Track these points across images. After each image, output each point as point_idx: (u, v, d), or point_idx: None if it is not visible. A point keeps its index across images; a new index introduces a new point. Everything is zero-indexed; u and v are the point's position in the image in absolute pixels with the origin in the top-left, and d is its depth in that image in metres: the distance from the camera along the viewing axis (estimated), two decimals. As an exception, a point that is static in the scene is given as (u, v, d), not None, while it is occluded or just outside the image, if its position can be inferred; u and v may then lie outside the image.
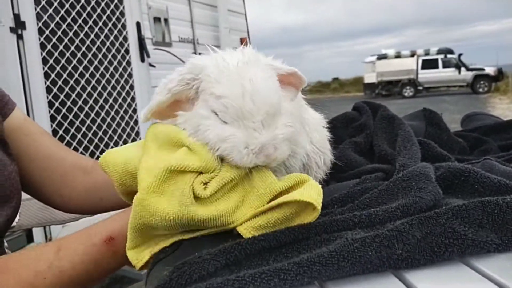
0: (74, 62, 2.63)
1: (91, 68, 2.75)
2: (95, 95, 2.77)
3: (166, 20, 3.43)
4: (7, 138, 0.72)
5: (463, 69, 17.69)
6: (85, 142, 2.70)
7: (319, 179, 0.72)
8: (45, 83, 2.44)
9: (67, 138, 2.57)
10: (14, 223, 1.13)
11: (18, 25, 2.29)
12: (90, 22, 2.73)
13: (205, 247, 0.50)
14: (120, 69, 2.96)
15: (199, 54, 0.61)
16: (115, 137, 2.90)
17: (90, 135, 2.73)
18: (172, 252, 0.56)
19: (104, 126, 2.83)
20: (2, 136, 0.70)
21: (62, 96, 2.54)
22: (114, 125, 2.90)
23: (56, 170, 0.79)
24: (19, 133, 0.75)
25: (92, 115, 2.74)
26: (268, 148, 0.51)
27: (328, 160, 0.73)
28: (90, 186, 0.80)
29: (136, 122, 3.07)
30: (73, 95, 2.61)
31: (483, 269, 0.45)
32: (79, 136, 2.65)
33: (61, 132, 2.54)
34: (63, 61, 2.55)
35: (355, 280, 0.45)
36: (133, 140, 3.04)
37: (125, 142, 2.96)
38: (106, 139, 2.83)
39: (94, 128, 2.75)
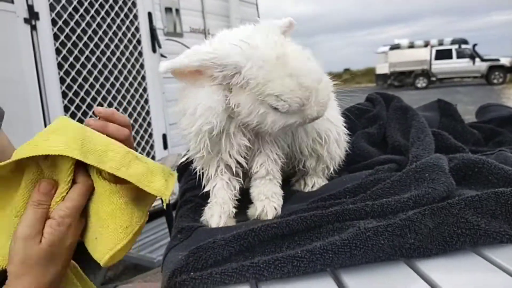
0: (87, 52, 2.65)
1: (104, 59, 2.77)
2: (107, 85, 2.80)
3: (177, 11, 3.42)
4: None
5: (477, 59, 17.30)
6: (98, 132, 2.72)
7: (337, 160, 0.72)
8: (59, 73, 2.47)
9: (81, 128, 2.60)
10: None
11: (32, 16, 2.31)
12: (103, 13, 2.75)
13: (218, 234, 0.51)
14: (132, 60, 2.97)
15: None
16: (127, 127, 2.93)
17: (103, 125, 2.75)
18: (186, 239, 0.57)
19: (117, 116, 2.86)
20: None
21: (75, 87, 2.57)
22: (126, 115, 2.93)
23: None
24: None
25: (105, 105, 2.77)
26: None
27: (343, 135, 0.72)
28: None
29: (148, 112, 3.09)
30: (86, 86, 2.64)
31: (495, 259, 0.45)
32: (92, 126, 2.68)
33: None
34: (76, 52, 2.57)
35: (367, 268, 0.45)
36: (145, 130, 3.06)
37: (137, 133, 2.99)
38: (118, 129, 2.86)
39: (107, 118, 2.78)
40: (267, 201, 0.61)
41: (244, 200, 0.64)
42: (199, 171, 0.64)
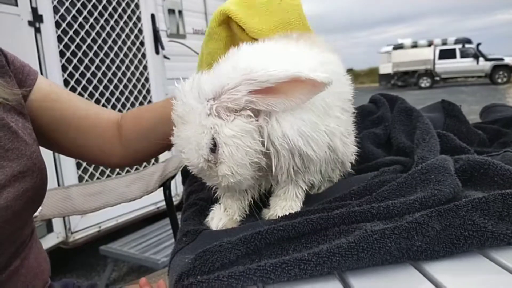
0: (91, 54, 2.66)
1: (107, 61, 2.78)
2: (111, 87, 2.81)
3: (180, 12, 3.43)
4: (36, 110, 0.72)
5: (481, 59, 17.23)
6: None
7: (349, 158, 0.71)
8: (63, 75, 2.48)
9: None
10: (36, 213, 1.16)
11: (36, 19, 2.32)
12: (106, 15, 2.76)
13: (224, 237, 0.51)
14: (136, 62, 2.98)
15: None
16: (131, 129, 2.94)
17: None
18: (191, 242, 0.57)
19: (120, 118, 2.87)
20: (23, 109, 0.68)
21: (79, 89, 2.58)
22: None
23: (95, 129, 0.79)
24: (49, 101, 0.74)
25: (109, 107, 2.78)
26: None
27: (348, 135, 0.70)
28: (124, 139, 0.81)
29: (151, 114, 3.10)
30: (90, 88, 2.65)
31: (502, 261, 0.45)
32: (96, 128, 2.69)
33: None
34: (79, 54, 2.59)
35: (374, 271, 0.45)
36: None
37: (140, 134, 3.00)
38: (122, 130, 2.87)
39: (111, 120, 2.79)
40: (288, 203, 0.61)
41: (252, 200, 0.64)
42: None
